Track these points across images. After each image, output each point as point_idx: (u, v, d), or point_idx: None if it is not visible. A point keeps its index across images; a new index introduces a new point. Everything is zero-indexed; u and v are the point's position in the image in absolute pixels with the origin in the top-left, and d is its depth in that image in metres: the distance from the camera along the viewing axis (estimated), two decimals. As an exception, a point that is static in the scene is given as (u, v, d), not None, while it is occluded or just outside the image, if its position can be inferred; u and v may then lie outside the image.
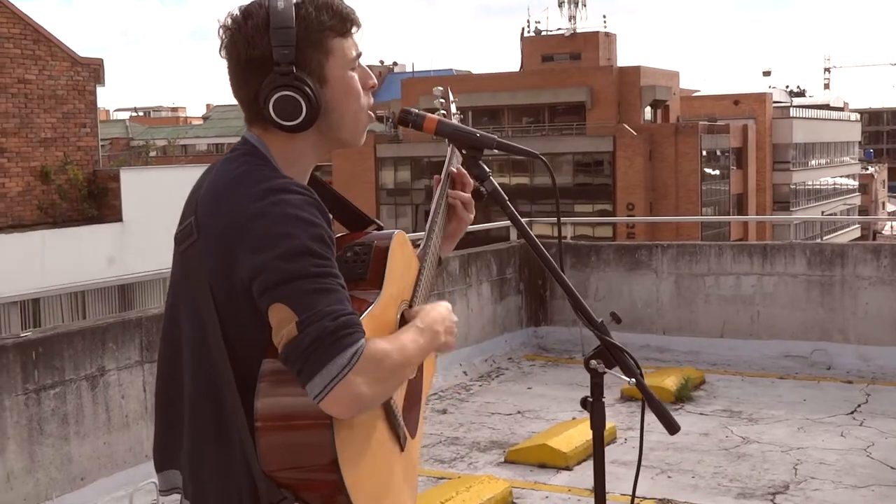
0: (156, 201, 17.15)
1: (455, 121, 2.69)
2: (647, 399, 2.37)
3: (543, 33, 58.15)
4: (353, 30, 2.09)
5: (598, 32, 56.43)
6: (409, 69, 68.03)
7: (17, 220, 18.35)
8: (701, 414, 7.72)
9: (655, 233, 41.83)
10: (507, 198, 2.38)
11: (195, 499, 1.99)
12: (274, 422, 1.86)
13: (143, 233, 17.95)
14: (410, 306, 2.21)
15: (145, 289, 15.38)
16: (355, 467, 1.87)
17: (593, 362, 2.42)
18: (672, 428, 2.37)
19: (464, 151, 2.36)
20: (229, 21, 2.02)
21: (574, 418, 7.26)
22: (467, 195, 2.50)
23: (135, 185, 19.43)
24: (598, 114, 49.97)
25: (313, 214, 1.90)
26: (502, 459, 6.66)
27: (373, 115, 2.19)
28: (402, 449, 2.11)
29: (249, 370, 1.89)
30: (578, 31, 56.97)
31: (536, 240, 2.38)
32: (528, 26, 58.73)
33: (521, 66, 57.68)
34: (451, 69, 67.80)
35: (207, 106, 73.49)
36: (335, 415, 1.79)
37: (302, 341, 1.78)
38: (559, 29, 57.94)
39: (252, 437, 1.87)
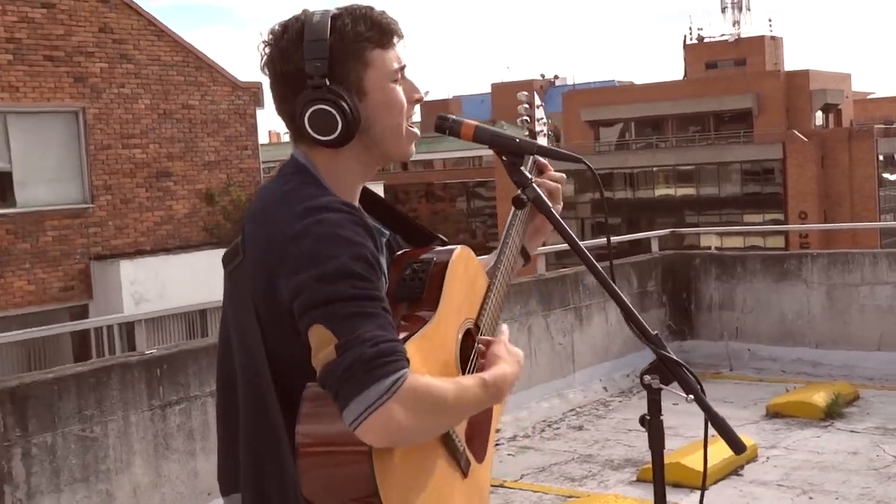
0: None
1: (542, 128, 2.64)
2: (710, 417, 2.21)
3: (706, 40, 56.98)
4: (395, 41, 2.02)
5: (763, 36, 54.94)
6: (570, 81, 67.83)
7: (184, 241, 19.07)
8: (851, 431, 7.31)
9: (830, 241, 40.26)
10: (550, 206, 2.27)
11: None
12: (313, 447, 1.78)
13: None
14: (477, 326, 2.14)
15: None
16: (400, 497, 1.78)
17: (647, 377, 2.27)
18: (737, 447, 2.20)
19: (504, 158, 2.26)
20: (268, 36, 1.98)
21: (714, 435, 6.97)
22: (554, 184, 2.42)
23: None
24: (766, 120, 48.51)
25: (357, 233, 1.83)
26: (634, 478, 6.45)
27: (417, 132, 2.12)
28: (464, 475, 2.01)
29: (296, 395, 1.81)
30: (743, 35, 55.58)
31: (586, 250, 2.27)
32: (691, 33, 57.71)
33: (685, 75, 56.65)
34: (613, 80, 67.09)
35: (374, 126, 74.62)
36: (371, 443, 1.71)
37: (339, 365, 1.70)
38: (723, 35, 56.72)
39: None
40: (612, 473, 6.60)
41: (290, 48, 1.93)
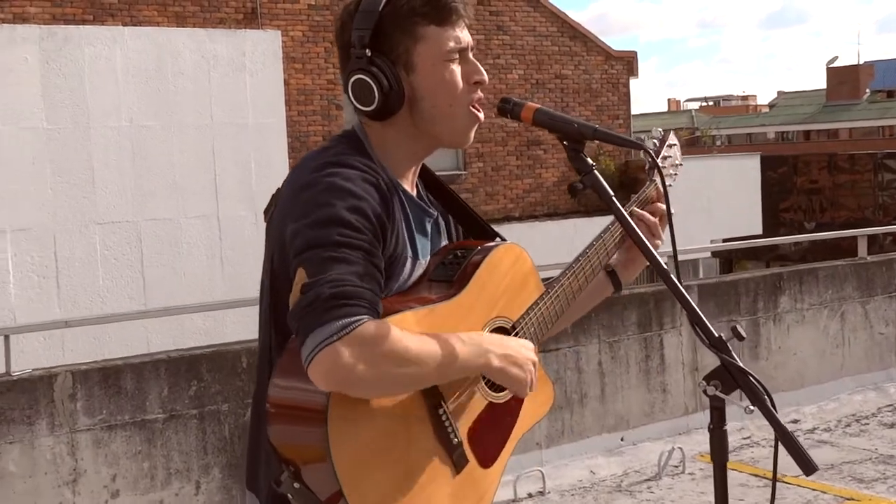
0: (684, 188, 17.26)
1: (672, 171, 2.60)
2: (778, 431, 2.01)
3: None
4: (454, 20, 2.01)
5: None
6: None
7: (552, 209, 19.45)
8: None
9: None
10: (612, 193, 2.16)
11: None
12: (279, 407, 1.82)
13: (671, 221, 18.22)
14: (513, 328, 2.07)
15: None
16: (359, 469, 1.74)
17: (703, 383, 2.11)
18: (808, 468, 1.99)
19: (565, 143, 2.18)
20: (343, 10, 2.04)
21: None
22: (653, 219, 2.38)
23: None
24: None
25: (363, 189, 1.86)
26: (931, 486, 5.87)
27: (479, 113, 2.09)
28: (456, 471, 1.91)
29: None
30: None
31: (647, 242, 2.15)
32: None
33: None
34: None
35: (778, 93, 71.85)
36: (317, 383, 1.70)
37: (300, 303, 1.74)
38: None
39: None
40: (909, 479, 6.03)
41: (348, 20, 1.99)
